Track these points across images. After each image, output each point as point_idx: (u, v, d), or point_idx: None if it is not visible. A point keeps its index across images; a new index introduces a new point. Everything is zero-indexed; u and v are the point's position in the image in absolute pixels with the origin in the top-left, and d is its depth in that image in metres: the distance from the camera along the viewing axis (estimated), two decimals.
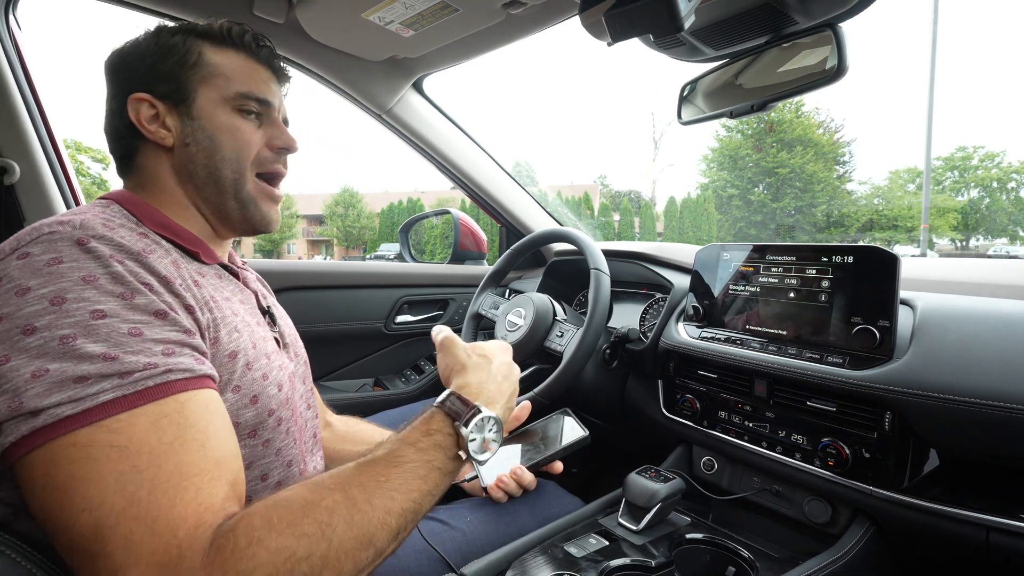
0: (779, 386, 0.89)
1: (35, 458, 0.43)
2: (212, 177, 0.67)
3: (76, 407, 0.43)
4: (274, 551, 0.43)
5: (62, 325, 0.45)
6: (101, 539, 0.42)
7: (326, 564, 0.45)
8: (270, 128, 0.71)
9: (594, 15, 0.70)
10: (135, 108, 0.65)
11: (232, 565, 0.42)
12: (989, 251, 22.49)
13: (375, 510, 0.49)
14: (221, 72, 0.67)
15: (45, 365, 0.44)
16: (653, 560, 0.77)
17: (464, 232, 1.85)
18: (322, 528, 0.46)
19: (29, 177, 1.13)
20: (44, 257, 0.48)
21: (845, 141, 24.14)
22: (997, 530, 0.66)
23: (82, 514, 0.42)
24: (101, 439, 0.43)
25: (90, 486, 0.42)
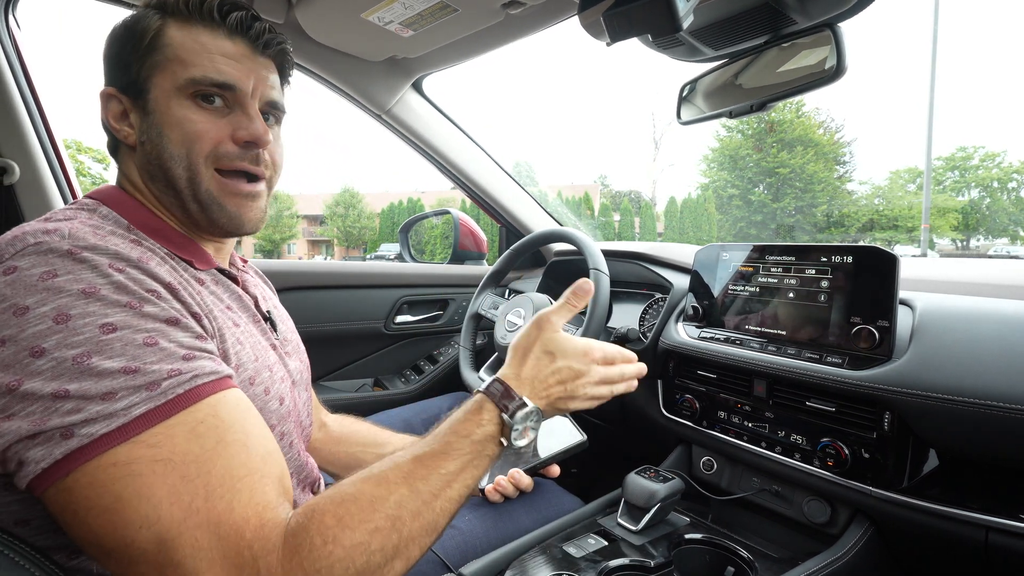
0: (778, 386, 0.89)
1: (72, 482, 0.41)
2: (165, 176, 0.60)
3: (109, 424, 0.42)
4: (349, 547, 0.45)
5: (72, 344, 0.43)
6: (167, 550, 0.41)
7: (397, 554, 0.48)
8: (237, 116, 0.61)
9: (593, 15, 0.70)
10: (105, 104, 0.61)
11: (311, 563, 0.44)
12: (990, 251, 22.48)
13: (438, 500, 0.52)
14: (177, 55, 0.59)
15: (64, 386, 0.42)
16: (652, 560, 0.77)
17: (464, 232, 1.85)
18: (392, 521, 0.48)
19: (29, 177, 1.13)
20: (35, 271, 0.45)
21: (845, 141, 24.15)
22: (996, 530, 0.66)
23: (140, 531, 0.41)
24: (142, 455, 0.42)
25: (142, 503, 0.41)
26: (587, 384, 0.66)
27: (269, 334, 0.69)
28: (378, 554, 0.47)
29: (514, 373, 0.63)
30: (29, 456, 0.42)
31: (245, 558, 0.43)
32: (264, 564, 0.43)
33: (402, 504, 0.49)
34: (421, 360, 1.69)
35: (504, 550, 0.78)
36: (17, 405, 0.42)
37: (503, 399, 0.60)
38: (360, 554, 0.46)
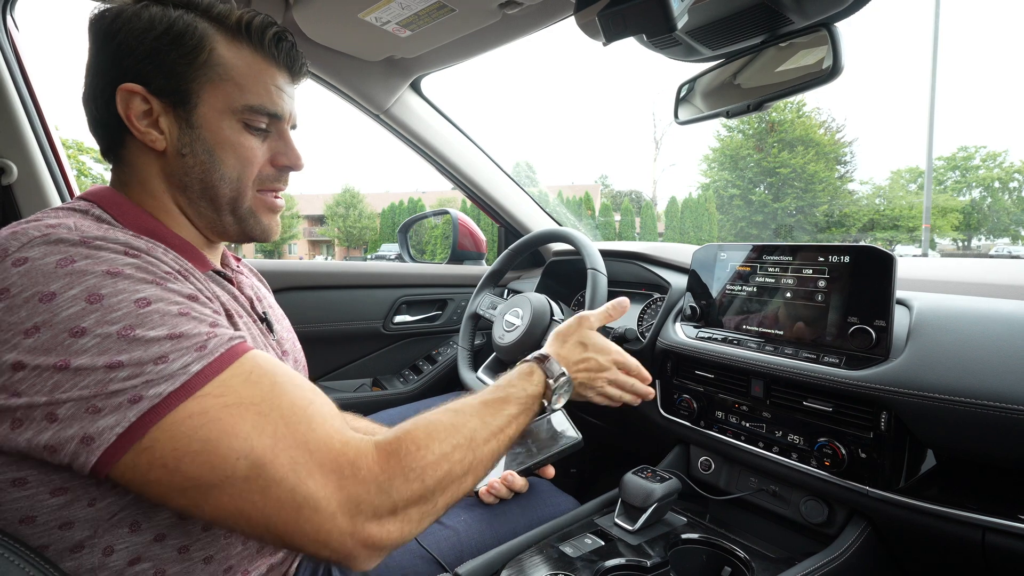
0: (776, 386, 0.89)
1: (151, 441, 0.43)
2: (208, 193, 0.61)
3: (173, 383, 0.44)
4: (439, 455, 0.53)
5: (113, 320, 0.44)
6: (268, 472, 0.45)
7: (471, 469, 0.57)
8: (276, 142, 0.65)
9: (588, 15, 0.70)
10: (125, 100, 0.57)
11: (408, 463, 0.51)
12: (991, 251, 22.46)
13: (501, 434, 0.62)
14: (232, 76, 0.59)
15: (115, 358, 0.43)
16: (649, 560, 0.77)
17: (463, 232, 1.85)
18: (469, 441, 0.57)
19: (27, 177, 1.13)
20: (50, 259, 0.45)
21: (846, 141, 24.12)
22: (993, 530, 0.65)
23: (238, 462, 0.44)
24: (214, 404, 0.45)
25: (231, 439, 0.45)
26: (604, 379, 0.81)
27: (266, 335, 0.69)
28: (458, 465, 0.55)
29: (555, 351, 0.78)
30: (96, 428, 0.42)
31: (342, 463, 0.48)
32: (365, 464, 0.48)
33: (476, 431, 0.59)
34: (420, 360, 1.69)
35: (500, 550, 0.78)
36: (69, 382, 0.42)
37: (549, 366, 0.73)
38: (445, 462, 0.53)
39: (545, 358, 0.74)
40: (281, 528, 0.46)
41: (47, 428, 0.42)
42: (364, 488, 0.48)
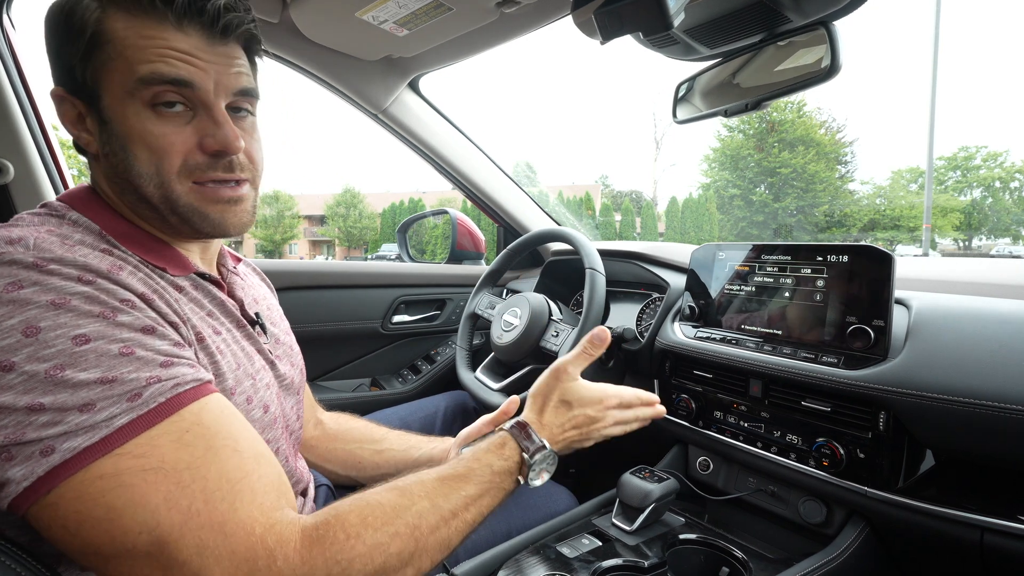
0: (774, 386, 0.88)
1: (57, 498, 0.40)
2: (137, 193, 0.55)
3: (91, 437, 0.41)
4: (371, 545, 0.48)
5: (44, 357, 0.41)
6: (171, 552, 0.41)
7: (411, 560, 0.50)
8: (202, 121, 0.55)
9: (585, 14, 0.70)
10: (59, 107, 0.55)
11: (333, 554, 0.45)
12: (992, 251, 22.43)
13: (455, 519, 0.55)
14: (121, 52, 0.51)
15: (38, 399, 0.40)
16: (646, 561, 0.77)
17: (462, 232, 1.85)
18: (411, 530, 0.51)
19: (23, 177, 1.13)
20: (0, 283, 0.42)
21: (847, 141, 24.11)
22: (992, 531, 0.65)
23: (140, 536, 0.41)
24: (130, 465, 0.41)
25: (138, 510, 0.41)
26: (601, 428, 0.72)
27: (256, 338, 0.66)
28: (395, 558, 0.49)
29: (535, 418, 0.69)
30: (9, 476, 0.40)
31: (259, 552, 0.43)
32: (281, 555, 0.44)
33: (422, 516, 0.52)
34: (418, 360, 1.69)
35: (497, 550, 0.78)
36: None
37: (524, 440, 0.64)
38: (379, 554, 0.48)
39: (523, 427, 0.66)
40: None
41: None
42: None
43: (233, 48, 0.57)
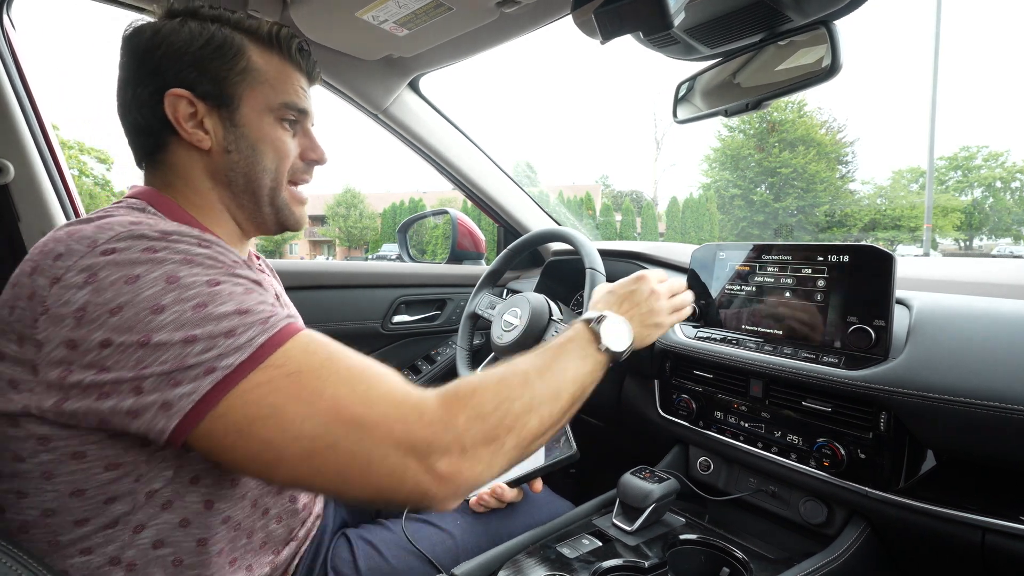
0: (775, 386, 0.88)
1: (227, 407, 0.47)
2: (251, 186, 0.68)
3: (241, 355, 0.48)
4: (494, 392, 0.56)
5: (187, 298, 0.49)
6: (333, 430, 0.48)
7: (532, 407, 0.58)
8: (304, 138, 0.73)
9: (585, 13, 0.70)
10: (173, 105, 0.63)
11: (464, 404, 0.53)
12: (993, 251, 22.41)
13: (555, 373, 0.64)
14: (266, 79, 0.66)
15: (190, 332, 0.47)
16: (647, 561, 0.77)
17: (462, 232, 1.85)
18: (524, 379, 0.60)
19: (23, 177, 1.13)
20: (135, 248, 0.50)
21: (848, 141, 24.09)
22: (993, 532, 0.65)
23: (304, 423, 0.48)
24: (277, 373, 0.49)
25: (297, 404, 0.48)
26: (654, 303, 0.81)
27: None
28: (517, 402, 0.57)
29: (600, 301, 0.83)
30: (174, 396, 0.47)
31: (405, 411, 0.51)
32: (427, 407, 0.51)
33: (528, 371, 0.61)
34: (418, 360, 1.69)
35: (498, 550, 0.78)
36: (151, 357, 0.47)
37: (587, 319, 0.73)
38: (502, 400, 0.56)
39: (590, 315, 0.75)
40: (356, 480, 0.49)
41: (131, 397, 0.47)
42: (430, 430, 0.51)
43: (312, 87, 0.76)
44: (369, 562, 0.75)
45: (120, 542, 0.54)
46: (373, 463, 0.49)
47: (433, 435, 0.50)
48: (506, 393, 0.57)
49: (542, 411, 0.59)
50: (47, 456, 0.50)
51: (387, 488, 0.50)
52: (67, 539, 0.52)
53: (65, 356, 0.47)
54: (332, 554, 0.75)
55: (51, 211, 1.18)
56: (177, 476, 0.55)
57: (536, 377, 0.61)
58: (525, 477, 0.86)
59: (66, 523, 0.52)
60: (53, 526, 0.52)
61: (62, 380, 0.47)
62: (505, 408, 0.56)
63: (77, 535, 0.52)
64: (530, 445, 0.58)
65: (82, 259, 0.49)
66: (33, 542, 0.52)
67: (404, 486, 0.50)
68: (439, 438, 0.51)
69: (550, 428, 0.61)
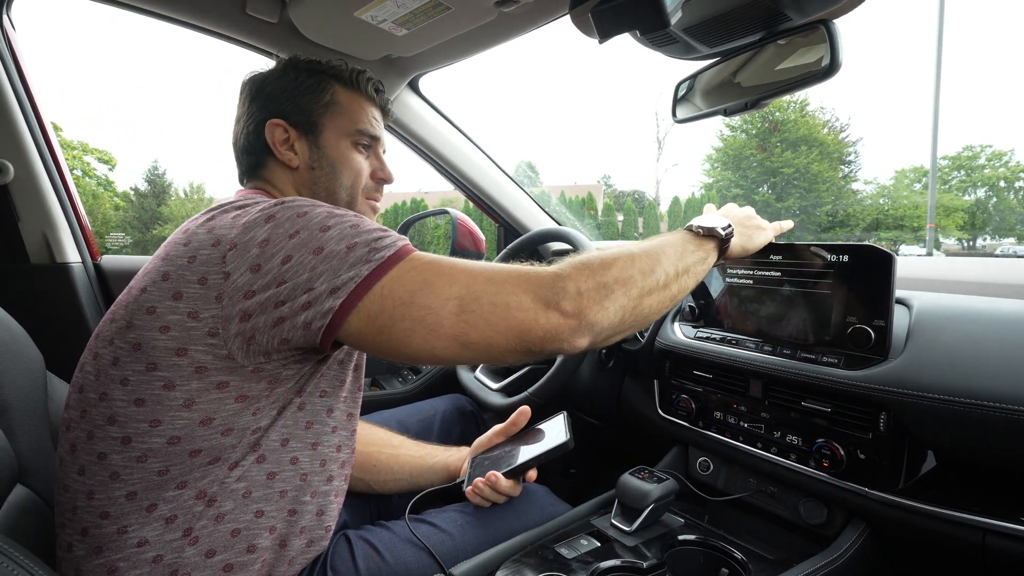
0: (774, 386, 0.88)
1: (383, 287, 0.59)
2: (330, 198, 0.81)
3: (389, 250, 0.61)
4: (608, 262, 0.65)
5: (345, 222, 0.62)
6: (473, 292, 0.60)
7: (643, 271, 0.67)
8: (375, 160, 0.87)
9: (583, 12, 0.70)
10: (271, 131, 0.79)
11: (580, 268, 0.63)
12: (996, 251, 22.32)
13: (664, 256, 0.71)
14: (345, 111, 0.82)
15: (352, 239, 0.60)
16: (645, 562, 0.77)
17: (462, 232, 1.84)
18: (630, 256, 0.67)
19: (23, 177, 1.13)
20: (299, 201, 0.64)
21: (850, 140, 23.99)
22: (993, 533, 0.65)
23: (451, 288, 0.60)
24: (418, 263, 0.61)
25: (441, 278, 0.60)
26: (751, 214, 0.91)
27: None
28: (631, 268, 0.65)
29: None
30: (341, 280, 0.58)
31: (524, 273, 0.62)
32: (565, 274, 0.62)
33: (635, 255, 0.68)
34: None
35: (495, 551, 0.78)
36: (323, 263, 0.59)
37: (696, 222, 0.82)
38: (619, 267, 0.65)
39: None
40: (501, 325, 0.59)
41: (303, 295, 0.58)
42: (551, 279, 0.61)
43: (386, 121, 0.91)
44: (369, 562, 0.75)
45: (213, 477, 0.62)
46: (511, 308, 0.59)
47: (554, 282, 0.61)
48: (620, 265, 0.65)
49: (647, 281, 0.67)
50: (197, 384, 0.60)
51: (526, 330, 0.60)
52: (176, 471, 0.61)
53: (249, 280, 0.58)
54: (332, 554, 0.75)
55: (51, 211, 1.18)
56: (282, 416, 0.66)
57: (647, 260, 0.68)
58: (521, 467, 0.87)
59: (183, 453, 0.60)
60: (172, 455, 0.60)
61: (247, 299, 0.58)
62: (616, 271, 0.64)
63: (187, 466, 0.61)
64: (639, 305, 0.66)
65: (262, 209, 0.62)
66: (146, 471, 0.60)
67: (539, 325, 0.60)
68: (559, 285, 0.61)
69: (656, 299, 0.68)
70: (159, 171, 26.65)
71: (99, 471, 0.61)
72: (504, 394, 1.17)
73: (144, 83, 41.94)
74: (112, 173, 20.41)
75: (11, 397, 0.72)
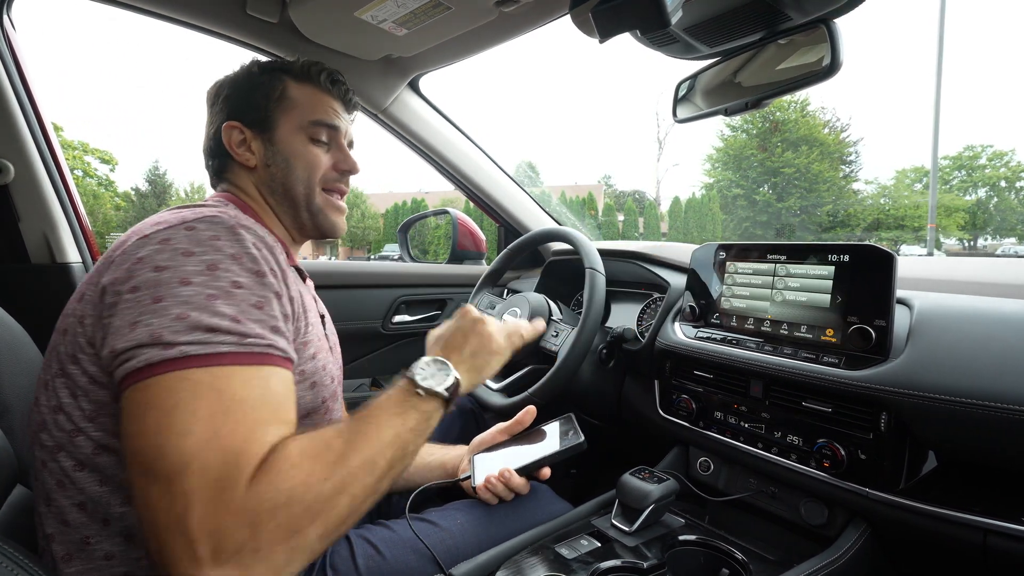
0: (775, 386, 0.88)
1: (152, 384, 0.51)
2: (288, 192, 0.80)
3: (200, 349, 0.53)
4: (308, 472, 0.53)
5: (211, 286, 0.56)
6: (183, 462, 0.49)
7: (343, 486, 0.55)
8: (337, 152, 0.84)
9: (583, 12, 0.70)
10: (228, 134, 0.79)
11: (277, 483, 0.51)
12: (997, 251, 22.31)
13: (370, 441, 0.60)
14: (299, 104, 0.80)
15: (189, 312, 0.53)
16: (646, 562, 0.76)
17: (463, 232, 1.85)
18: (338, 456, 0.56)
19: (24, 177, 1.13)
20: (207, 233, 0.59)
21: (851, 140, 24.01)
22: (995, 533, 0.64)
23: (173, 437, 0.49)
24: (207, 380, 0.52)
25: (188, 415, 0.50)
26: (483, 331, 0.80)
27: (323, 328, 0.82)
28: (327, 483, 0.54)
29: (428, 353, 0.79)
30: (138, 352, 0.52)
31: (230, 475, 0.50)
32: (242, 478, 0.50)
33: (343, 445, 0.58)
34: None
35: (495, 551, 0.78)
36: (148, 316, 0.53)
37: (406, 371, 0.71)
38: (316, 481, 0.53)
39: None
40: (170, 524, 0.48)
41: (123, 337, 0.53)
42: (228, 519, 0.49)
43: (350, 114, 0.88)
44: (368, 561, 0.75)
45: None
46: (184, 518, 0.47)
47: (228, 527, 0.48)
48: (319, 474, 0.53)
49: (355, 488, 0.56)
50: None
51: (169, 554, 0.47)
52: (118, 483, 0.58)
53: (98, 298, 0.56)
54: (331, 553, 0.75)
55: (51, 211, 1.18)
56: None
57: (349, 451, 0.57)
58: (535, 464, 0.87)
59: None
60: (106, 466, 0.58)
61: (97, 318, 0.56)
62: (315, 492, 0.52)
63: None
64: (337, 530, 0.54)
65: (171, 228, 0.59)
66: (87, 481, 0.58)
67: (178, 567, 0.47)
68: (231, 534, 0.48)
69: (364, 503, 0.57)
70: (160, 171, 26.63)
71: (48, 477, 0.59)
72: (505, 394, 1.17)
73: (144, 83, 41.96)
74: (113, 173, 20.45)
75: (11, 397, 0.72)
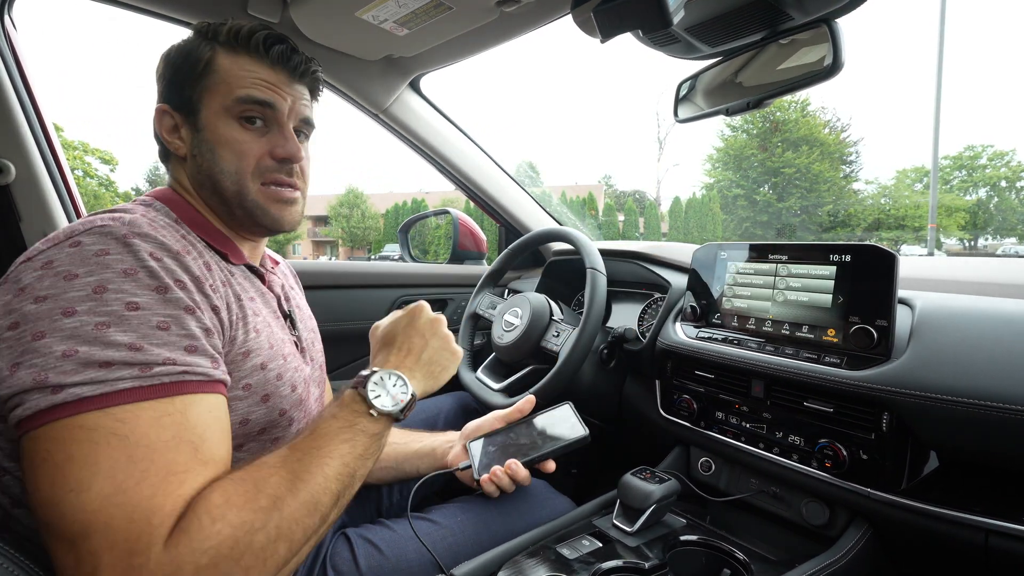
0: (776, 386, 0.88)
1: (42, 433, 0.45)
2: (216, 188, 0.68)
3: (95, 390, 0.46)
4: (236, 525, 0.47)
5: (99, 312, 0.48)
6: (83, 522, 0.43)
7: (280, 533, 0.49)
8: (274, 136, 0.69)
9: (585, 12, 0.70)
10: (159, 119, 0.69)
11: (199, 543, 0.45)
12: (998, 251, 22.29)
13: (314, 477, 0.54)
14: (225, 79, 0.66)
15: (76, 347, 0.46)
16: (647, 562, 0.76)
17: (463, 232, 1.85)
18: (273, 500, 0.50)
19: (25, 177, 1.13)
20: (93, 248, 0.51)
21: (851, 140, 24.00)
22: (996, 533, 0.64)
23: (69, 494, 0.44)
24: (106, 425, 0.46)
25: (84, 468, 0.44)
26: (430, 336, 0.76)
27: (285, 330, 0.74)
28: (261, 533, 0.48)
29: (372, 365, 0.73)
30: (25, 398, 0.45)
31: (142, 540, 0.44)
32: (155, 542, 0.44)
33: (280, 484, 0.52)
34: None
35: (497, 551, 0.78)
36: (30, 356, 0.46)
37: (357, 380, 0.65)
38: (245, 532, 0.47)
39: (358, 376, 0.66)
40: None
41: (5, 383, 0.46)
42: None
43: (304, 87, 0.73)
44: (370, 561, 0.75)
45: None
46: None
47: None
48: (252, 519, 0.48)
49: (294, 534, 0.50)
50: None
51: None
52: None
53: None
54: (332, 553, 0.75)
55: (52, 211, 1.18)
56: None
57: (287, 491, 0.51)
58: (539, 458, 0.87)
59: None
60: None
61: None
62: (248, 540, 0.47)
63: None
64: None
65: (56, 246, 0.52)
66: None
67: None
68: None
69: (307, 545, 0.53)
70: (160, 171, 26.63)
71: None
72: (506, 394, 1.17)
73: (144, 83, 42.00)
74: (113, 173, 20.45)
75: None
